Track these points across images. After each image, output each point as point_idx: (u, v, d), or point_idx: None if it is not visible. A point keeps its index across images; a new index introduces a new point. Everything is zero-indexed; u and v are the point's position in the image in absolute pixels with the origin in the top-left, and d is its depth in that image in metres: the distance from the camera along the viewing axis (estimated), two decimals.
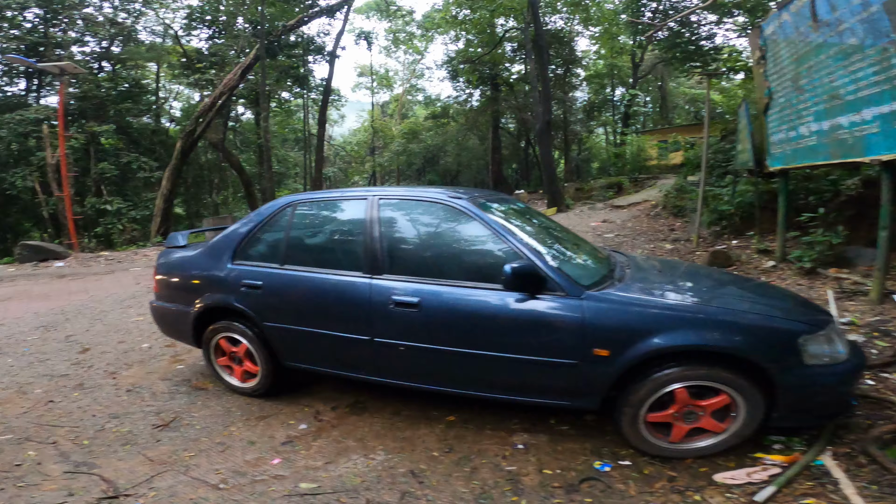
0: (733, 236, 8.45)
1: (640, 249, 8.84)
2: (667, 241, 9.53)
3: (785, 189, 6.43)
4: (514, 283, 2.47)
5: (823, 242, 5.72)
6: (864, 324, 4.10)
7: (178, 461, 2.79)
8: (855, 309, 4.47)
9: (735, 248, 7.81)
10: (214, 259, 3.57)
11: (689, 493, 2.26)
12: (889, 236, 4.44)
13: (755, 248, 7.29)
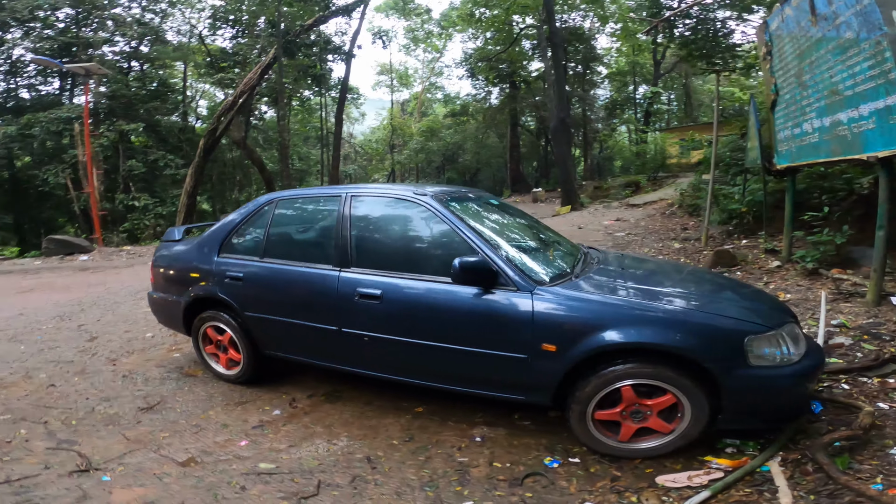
0: (743, 236, 8.29)
1: (647, 248, 8.75)
2: (676, 240, 9.40)
3: (792, 188, 6.28)
4: (463, 277, 2.52)
5: (827, 242, 5.58)
6: (856, 326, 3.99)
7: (152, 440, 2.95)
8: (850, 311, 4.36)
9: (744, 247, 7.66)
10: (203, 252, 3.73)
11: (628, 493, 2.26)
12: (886, 236, 4.33)
13: (762, 247, 7.14)
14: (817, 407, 2.78)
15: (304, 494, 2.37)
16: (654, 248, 8.82)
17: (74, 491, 2.42)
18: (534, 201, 21.61)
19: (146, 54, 19.94)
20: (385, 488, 2.41)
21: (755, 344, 2.29)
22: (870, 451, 2.32)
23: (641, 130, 23.09)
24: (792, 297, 5.01)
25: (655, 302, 2.49)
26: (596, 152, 29.53)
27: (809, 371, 2.38)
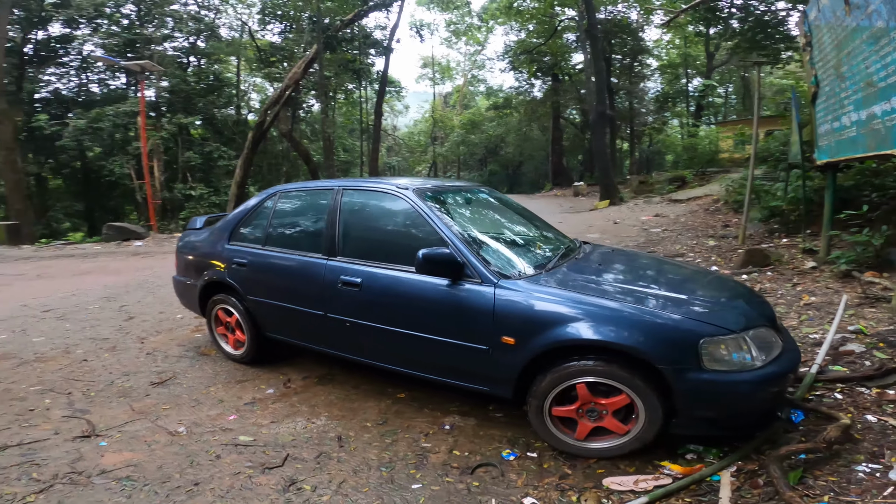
0: (784, 234, 7.86)
1: (680, 245, 8.47)
2: (713, 237, 9.03)
3: (832, 185, 5.94)
4: (426, 268, 2.60)
5: (864, 243, 5.25)
6: (874, 333, 3.76)
7: (153, 412, 3.23)
8: (873, 317, 4.10)
9: (783, 247, 7.27)
10: (216, 240, 4.01)
11: (571, 492, 2.26)
12: None
13: (800, 247, 6.77)
14: (798, 416, 2.67)
15: (270, 465, 2.56)
16: (686, 246, 8.53)
17: (73, 454, 2.71)
18: (575, 195, 21.21)
19: (202, 50, 21.07)
20: (345, 465, 2.55)
21: (711, 347, 2.22)
22: (833, 467, 2.22)
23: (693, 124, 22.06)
24: (817, 300, 4.76)
25: (611, 300, 2.46)
26: (645, 146, 28.51)
27: (772, 378, 2.27)
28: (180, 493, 2.36)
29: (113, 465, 2.60)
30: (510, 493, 2.28)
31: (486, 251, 2.81)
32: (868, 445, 2.33)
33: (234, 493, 2.35)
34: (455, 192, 3.48)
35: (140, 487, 2.41)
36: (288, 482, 2.41)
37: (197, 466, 2.57)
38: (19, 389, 3.63)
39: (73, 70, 21.92)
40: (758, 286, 5.46)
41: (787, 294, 5.09)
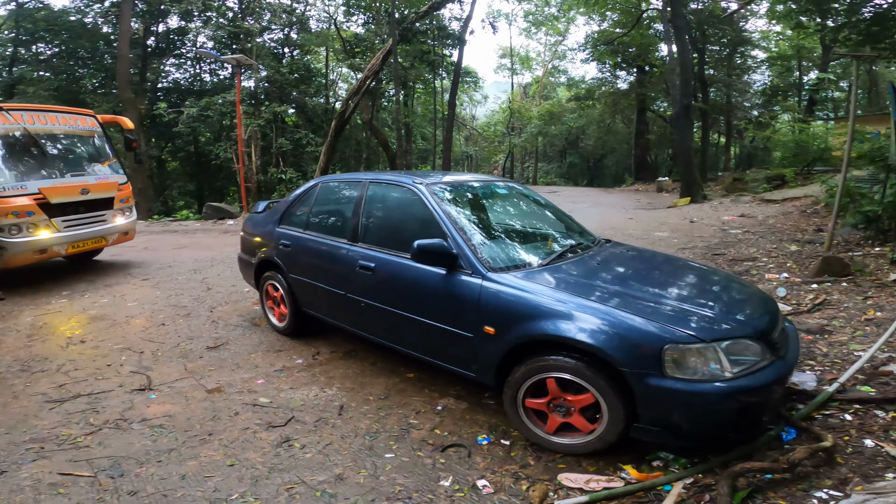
0: (879, 242, 7.06)
1: (755, 249, 7.90)
2: (797, 242, 8.30)
3: None
4: (420, 257, 2.81)
5: None
6: None
7: (201, 372, 3.77)
8: None
9: (873, 255, 6.56)
10: (269, 223, 4.50)
11: (524, 482, 2.36)
12: None
13: (890, 257, 6.09)
14: (791, 433, 2.57)
15: (275, 424, 2.95)
16: (763, 250, 7.94)
17: (126, 404, 3.28)
18: (658, 191, 20.10)
19: (294, 41, 22.59)
20: (337, 431, 2.87)
21: (676, 354, 2.20)
22: (791, 490, 2.14)
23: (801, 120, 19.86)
24: (882, 315, 4.35)
25: (588, 299, 2.49)
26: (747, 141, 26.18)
27: (741, 392, 2.18)
28: (195, 440, 2.81)
29: (153, 415, 3.12)
30: (468, 474, 2.45)
31: (483, 245, 2.96)
32: (845, 471, 2.22)
33: (237, 444, 2.75)
34: (474, 188, 3.65)
35: (166, 434, 2.90)
36: (283, 439, 2.78)
37: (216, 420, 3.02)
38: (105, 347, 4.36)
39: (189, 61, 24.44)
40: (825, 297, 5.04)
41: (853, 307, 4.67)
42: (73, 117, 7.24)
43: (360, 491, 2.35)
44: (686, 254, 7.74)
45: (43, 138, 6.64)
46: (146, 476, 2.50)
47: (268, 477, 2.48)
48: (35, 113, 6.67)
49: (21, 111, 6.53)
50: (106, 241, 7.21)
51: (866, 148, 8.22)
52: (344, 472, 2.50)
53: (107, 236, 7.14)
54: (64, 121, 7.05)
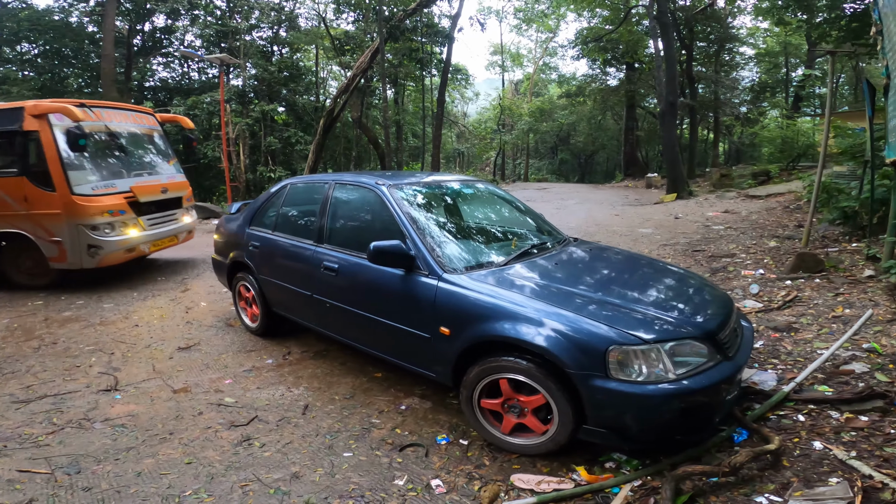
0: (856, 238, 7.13)
1: (735, 245, 7.96)
2: (777, 237, 8.38)
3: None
4: (376, 258, 2.82)
5: None
6: (890, 353, 3.43)
7: (168, 372, 3.76)
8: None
9: (850, 251, 6.62)
10: (240, 224, 4.49)
11: (477, 481, 2.38)
12: None
13: (865, 253, 6.15)
14: (742, 434, 2.57)
15: (237, 423, 2.96)
16: (742, 246, 8.00)
17: (91, 404, 3.28)
18: (647, 186, 20.19)
19: (284, 39, 22.49)
20: (299, 430, 2.88)
21: (620, 356, 2.20)
22: (733, 494, 2.14)
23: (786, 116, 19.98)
24: (850, 313, 4.38)
25: (538, 300, 2.50)
26: (735, 137, 26.36)
27: (684, 393, 2.17)
28: (155, 439, 2.82)
29: (116, 415, 3.12)
30: (423, 473, 2.47)
31: (441, 246, 2.97)
32: (789, 475, 2.21)
33: (197, 443, 2.76)
34: (439, 189, 3.66)
35: (127, 433, 2.90)
36: (244, 438, 2.79)
37: (179, 419, 3.03)
38: (76, 348, 4.34)
39: (177, 59, 24.27)
40: (796, 294, 5.08)
41: (823, 304, 4.71)
42: (139, 115, 7.22)
43: (314, 489, 2.36)
44: (667, 250, 7.79)
45: (121, 136, 6.63)
46: (102, 473, 2.52)
47: (224, 475, 2.49)
48: (110, 110, 6.63)
49: (100, 108, 6.48)
50: (177, 240, 7.27)
51: (848, 144, 8.31)
52: (300, 470, 2.51)
53: (178, 235, 7.22)
54: (133, 119, 7.01)
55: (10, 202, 5.87)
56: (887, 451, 2.30)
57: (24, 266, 6.25)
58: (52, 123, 5.70)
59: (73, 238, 5.82)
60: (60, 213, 5.75)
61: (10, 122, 5.74)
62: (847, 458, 2.26)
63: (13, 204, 5.87)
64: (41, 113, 5.70)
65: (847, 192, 7.67)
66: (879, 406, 2.67)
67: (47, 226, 5.84)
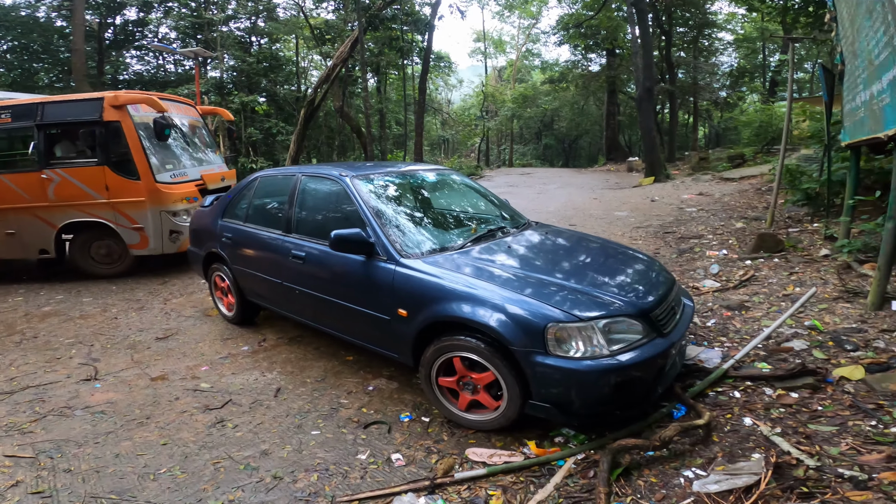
0: (817, 218, 7.41)
1: (704, 226, 8.22)
2: (744, 219, 8.65)
3: (854, 167, 5.62)
4: (338, 246, 2.97)
5: (870, 232, 4.97)
6: (829, 331, 3.61)
7: (147, 361, 3.90)
8: (842, 313, 3.94)
9: (810, 231, 6.90)
10: (214, 216, 4.60)
11: (434, 455, 2.55)
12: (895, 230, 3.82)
13: (823, 233, 6.42)
14: (682, 410, 2.73)
15: (212, 407, 3.12)
16: (710, 228, 8.27)
17: (72, 393, 3.42)
18: (629, 170, 20.47)
19: (262, 30, 22.24)
20: (270, 412, 3.05)
21: (558, 333, 2.33)
22: (664, 468, 2.29)
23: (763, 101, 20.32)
24: (800, 291, 4.61)
25: (487, 281, 2.63)
26: (715, 122, 26.75)
27: (617, 369, 2.31)
28: (132, 423, 2.98)
29: (96, 403, 3.26)
30: (384, 448, 2.65)
31: (400, 232, 3.12)
32: (717, 449, 2.36)
33: (173, 426, 2.92)
34: (403, 178, 3.82)
35: (106, 419, 3.05)
36: (218, 420, 2.95)
37: (156, 405, 3.18)
38: (57, 342, 4.45)
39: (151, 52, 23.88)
40: (752, 273, 5.32)
41: (776, 283, 4.95)
42: (187, 108, 7.41)
43: (281, 464, 2.54)
44: (639, 232, 8.02)
45: (183, 127, 6.93)
46: (82, 456, 2.68)
47: (197, 454, 2.65)
48: (168, 102, 6.75)
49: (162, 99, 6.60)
50: None
51: (817, 128, 8.58)
52: (270, 448, 2.68)
53: None
54: (183, 111, 7.21)
55: (88, 191, 6.09)
56: (811, 427, 2.44)
57: (98, 254, 6.49)
58: (131, 114, 5.96)
59: (155, 224, 6.14)
60: (144, 200, 6.03)
61: (89, 114, 5.96)
62: (770, 434, 2.39)
63: (92, 193, 6.08)
64: (122, 104, 5.92)
65: (809, 174, 7.95)
66: (810, 383, 2.82)
67: (130, 213, 6.10)
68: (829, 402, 2.64)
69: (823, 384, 2.82)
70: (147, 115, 6.22)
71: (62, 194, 6.11)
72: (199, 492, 2.35)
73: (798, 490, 1.96)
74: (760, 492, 1.93)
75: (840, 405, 2.59)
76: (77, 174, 6.08)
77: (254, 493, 2.33)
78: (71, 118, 6.09)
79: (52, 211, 6.18)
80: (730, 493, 1.99)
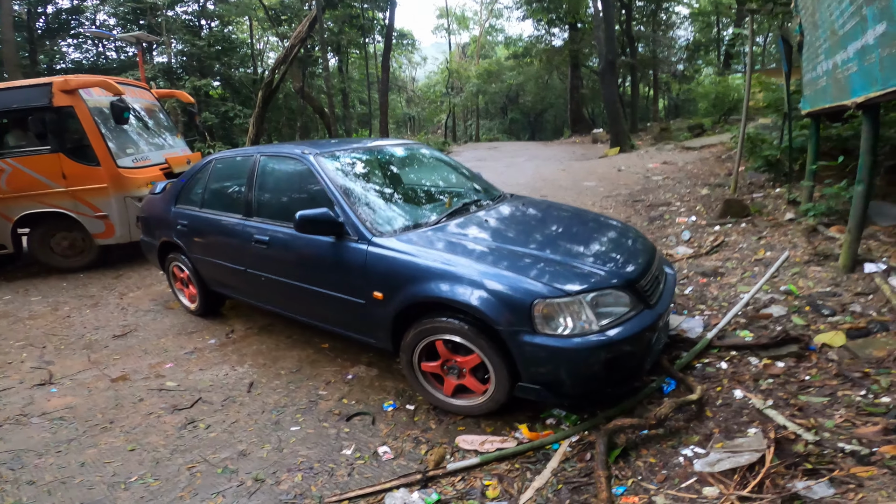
0: (779, 184, 7.60)
1: (671, 194, 8.31)
2: (708, 185, 8.80)
3: (815, 134, 5.76)
4: (303, 228, 2.75)
5: (834, 196, 5.07)
6: (805, 295, 3.63)
7: (105, 361, 3.63)
8: (814, 276, 3.99)
9: (773, 197, 7.04)
10: (167, 203, 4.29)
11: (424, 445, 2.43)
12: (865, 192, 3.88)
13: (786, 198, 6.56)
14: (671, 385, 2.67)
15: (180, 407, 2.91)
16: (677, 195, 8.37)
17: (27, 399, 3.14)
18: (593, 142, 20.68)
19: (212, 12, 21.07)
20: (245, 409, 2.87)
21: (545, 309, 2.20)
22: (661, 447, 2.22)
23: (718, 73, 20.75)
24: (771, 255, 4.67)
25: (466, 258, 2.47)
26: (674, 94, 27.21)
27: (607, 345, 2.19)
28: (96, 429, 2.75)
29: (53, 408, 3.01)
30: (370, 441, 2.51)
31: (370, 210, 2.93)
32: (712, 425, 2.31)
33: (139, 430, 2.71)
34: (369, 154, 3.61)
35: (66, 425, 2.81)
36: (188, 421, 2.76)
37: (119, 408, 2.95)
38: (6, 345, 4.10)
39: (90, 40, 22.45)
40: (723, 239, 5.39)
41: (747, 248, 5.01)
42: (140, 91, 7.06)
43: (262, 465, 2.38)
44: (609, 201, 8.05)
45: (139, 110, 6.64)
46: (45, 466, 2.47)
47: (169, 458, 2.47)
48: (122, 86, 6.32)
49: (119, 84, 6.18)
50: None
51: (773, 98, 8.78)
52: (248, 447, 2.51)
53: None
54: (137, 94, 6.87)
55: (43, 180, 5.74)
56: (801, 399, 2.40)
57: (60, 247, 6.14)
58: (84, 98, 5.66)
59: (121, 211, 5.85)
60: (107, 186, 5.74)
61: (38, 100, 5.62)
62: (764, 408, 2.35)
63: (48, 182, 5.74)
64: (73, 88, 5.61)
65: (770, 142, 8.13)
66: (794, 351, 2.79)
67: (92, 201, 5.79)
68: (815, 371, 2.63)
69: (807, 352, 2.81)
70: (101, 99, 5.93)
71: (15, 185, 5.75)
72: (177, 500, 2.18)
73: (802, 466, 1.93)
74: (766, 469, 1.89)
75: (827, 374, 2.58)
76: (30, 163, 5.72)
77: (235, 499, 2.17)
78: (18, 105, 5.72)
79: (6, 203, 5.81)
80: (733, 471, 1.95)
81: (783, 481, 1.90)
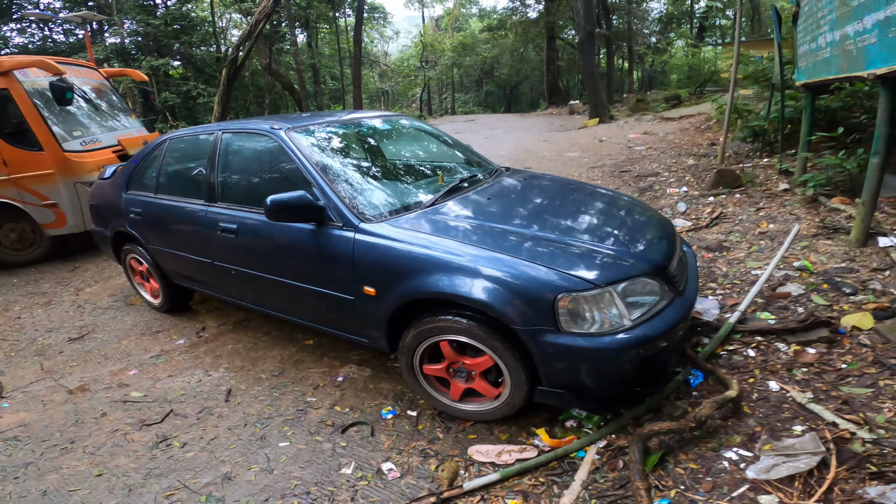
0: (766, 154, 7.48)
1: (657, 164, 8.11)
2: (694, 156, 8.65)
3: (810, 105, 5.65)
4: (276, 214, 2.35)
5: (835, 166, 4.90)
6: (821, 271, 3.41)
7: (61, 370, 3.20)
8: (826, 250, 3.79)
9: (762, 167, 6.90)
10: (116, 189, 3.83)
11: (433, 459, 2.15)
12: (881, 164, 3.68)
13: (777, 168, 6.43)
14: (698, 377, 2.42)
15: (149, 422, 2.54)
16: (664, 165, 8.18)
17: None
18: (570, 113, 20.48)
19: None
20: (224, 421, 2.51)
21: (570, 305, 1.90)
22: (701, 450, 1.98)
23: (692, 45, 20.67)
24: (774, 227, 4.49)
25: (472, 245, 2.12)
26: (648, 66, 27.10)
27: (643, 342, 1.91)
28: (55, 451, 2.38)
29: (6, 426, 2.61)
30: (372, 457, 2.19)
31: (355, 191, 2.55)
32: (753, 423, 2.07)
33: (105, 450, 2.34)
34: (348, 128, 3.19)
35: (22, 446, 2.43)
36: (160, 439, 2.39)
37: (80, 425, 2.56)
38: None
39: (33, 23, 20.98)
40: (721, 210, 5.20)
41: (747, 220, 4.82)
42: (86, 70, 6.60)
43: (251, 490, 2.05)
44: (596, 172, 7.82)
45: (85, 90, 6.22)
46: (3, 496, 2.11)
47: (143, 485, 2.12)
48: (64, 65, 5.80)
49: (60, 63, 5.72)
50: None
51: (750, 70, 8.73)
52: (232, 469, 2.18)
53: None
54: (83, 73, 6.43)
55: None
56: (843, 390, 2.19)
57: (8, 239, 5.66)
58: (20, 79, 5.24)
59: (71, 198, 5.41)
60: (53, 172, 5.30)
61: None
62: (806, 402, 2.14)
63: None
64: (6, 70, 5.20)
65: (756, 112, 8.00)
66: (825, 336, 2.57)
67: (38, 189, 5.35)
68: (850, 357, 2.40)
69: (838, 336, 2.59)
70: (40, 80, 5.43)
71: None
72: None
73: (866, 469, 1.70)
74: (833, 477, 1.66)
75: (863, 361, 2.36)
76: None
77: None
78: None
79: None
80: (791, 478, 1.71)
81: (849, 486, 1.68)
